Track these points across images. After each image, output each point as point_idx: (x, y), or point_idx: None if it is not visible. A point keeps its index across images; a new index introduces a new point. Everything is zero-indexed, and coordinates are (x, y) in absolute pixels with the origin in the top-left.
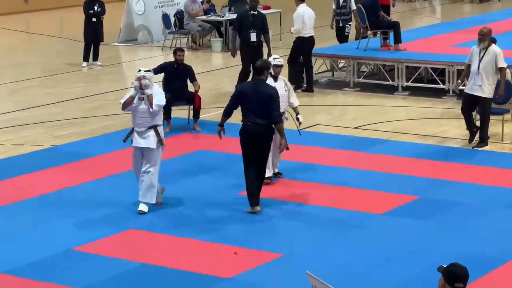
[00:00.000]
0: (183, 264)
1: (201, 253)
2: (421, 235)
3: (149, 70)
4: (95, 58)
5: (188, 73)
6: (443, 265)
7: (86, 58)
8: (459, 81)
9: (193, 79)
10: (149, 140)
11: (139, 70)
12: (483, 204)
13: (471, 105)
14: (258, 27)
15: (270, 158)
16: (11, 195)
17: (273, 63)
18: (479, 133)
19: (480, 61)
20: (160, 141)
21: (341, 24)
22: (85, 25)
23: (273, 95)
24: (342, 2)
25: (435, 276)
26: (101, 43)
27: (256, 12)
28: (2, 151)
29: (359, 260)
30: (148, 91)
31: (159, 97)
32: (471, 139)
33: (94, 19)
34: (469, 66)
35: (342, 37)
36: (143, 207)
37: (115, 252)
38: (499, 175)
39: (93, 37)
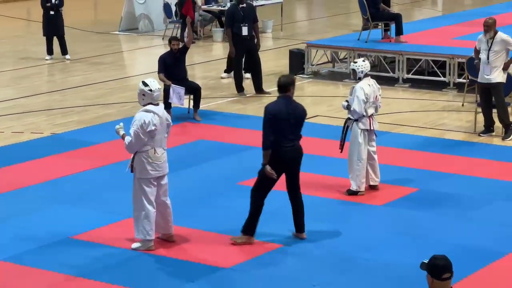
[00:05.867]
0: (182, 253)
1: (200, 243)
2: (421, 227)
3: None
4: (64, 52)
5: (184, 53)
6: (424, 261)
7: (49, 52)
8: (476, 60)
9: (188, 43)
10: (167, 163)
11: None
12: (483, 196)
13: (487, 94)
14: (249, 20)
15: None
16: (10, 182)
17: None
18: (502, 124)
19: (489, 51)
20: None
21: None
22: (43, 18)
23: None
24: None
25: None
26: (64, 35)
27: (244, 5)
28: (2, 139)
29: (358, 251)
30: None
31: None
32: (483, 132)
33: (52, 12)
34: (478, 51)
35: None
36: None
37: (114, 240)
38: (498, 168)
39: (52, 30)
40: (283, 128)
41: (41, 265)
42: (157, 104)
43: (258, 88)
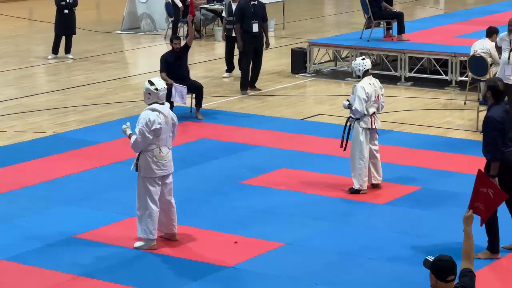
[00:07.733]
0: (185, 252)
1: (203, 242)
2: (423, 225)
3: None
4: (67, 51)
5: (186, 51)
6: (428, 258)
7: (55, 51)
8: (499, 55)
9: (189, 42)
10: (171, 163)
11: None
12: None
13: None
14: (259, 17)
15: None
16: (12, 182)
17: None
18: None
19: (510, 50)
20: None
21: (233, 34)
22: (56, 16)
23: None
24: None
25: None
26: (73, 35)
27: (256, 2)
28: (4, 138)
29: (361, 249)
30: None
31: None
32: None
33: (66, 11)
34: (500, 48)
35: (232, 50)
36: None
37: (117, 240)
38: None
39: (65, 29)
40: (505, 135)
41: (45, 265)
42: (163, 103)
43: (252, 82)
